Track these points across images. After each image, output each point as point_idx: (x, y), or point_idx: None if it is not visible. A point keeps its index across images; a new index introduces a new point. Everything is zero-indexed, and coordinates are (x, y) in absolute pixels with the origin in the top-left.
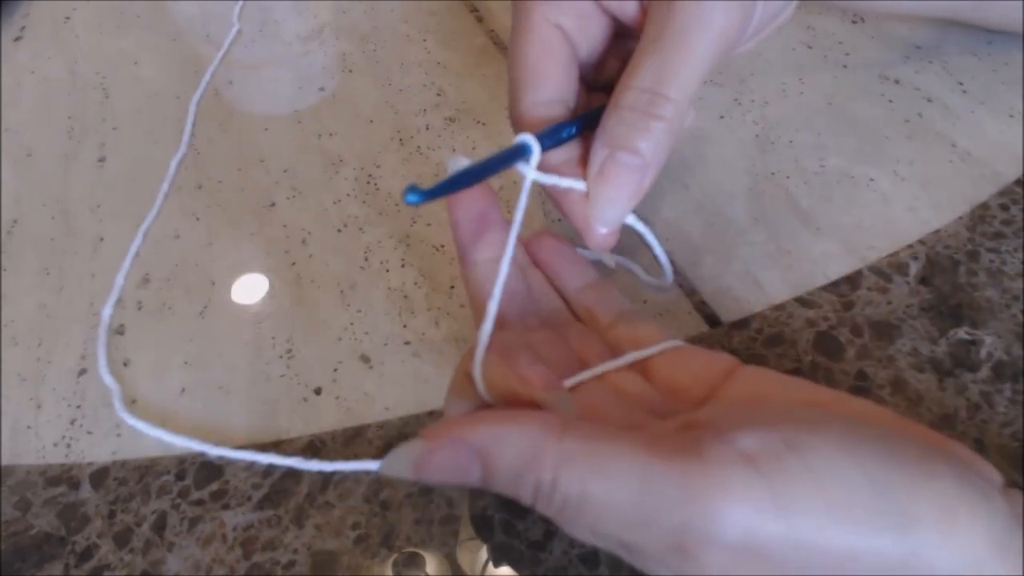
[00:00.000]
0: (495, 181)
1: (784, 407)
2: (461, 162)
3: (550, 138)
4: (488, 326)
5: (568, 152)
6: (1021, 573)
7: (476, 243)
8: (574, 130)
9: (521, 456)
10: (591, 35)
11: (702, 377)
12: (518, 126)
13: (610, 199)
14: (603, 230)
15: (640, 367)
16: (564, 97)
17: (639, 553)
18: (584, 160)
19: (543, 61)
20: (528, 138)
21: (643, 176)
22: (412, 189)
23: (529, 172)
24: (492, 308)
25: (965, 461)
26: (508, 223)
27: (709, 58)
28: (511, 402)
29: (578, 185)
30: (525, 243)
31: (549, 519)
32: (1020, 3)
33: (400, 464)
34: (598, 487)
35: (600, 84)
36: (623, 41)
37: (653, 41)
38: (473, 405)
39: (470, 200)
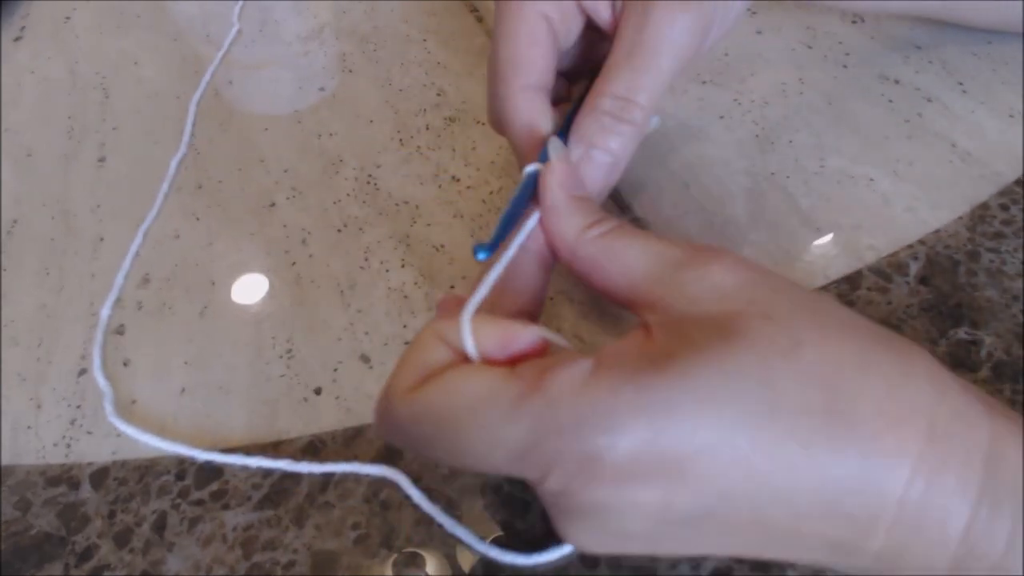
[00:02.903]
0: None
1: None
2: (556, 143)
3: (545, 157)
4: (494, 275)
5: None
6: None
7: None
8: (561, 138)
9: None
10: (570, 30)
11: None
12: (503, 109)
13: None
14: None
15: None
16: (547, 84)
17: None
18: None
19: (532, 49)
20: (540, 167)
21: (612, 171)
22: (480, 247)
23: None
24: (495, 273)
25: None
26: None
27: (673, 72)
28: (503, 347)
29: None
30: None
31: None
32: (1006, 3)
33: None
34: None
35: (567, 73)
36: (591, 40)
37: (627, 55)
38: (427, 373)
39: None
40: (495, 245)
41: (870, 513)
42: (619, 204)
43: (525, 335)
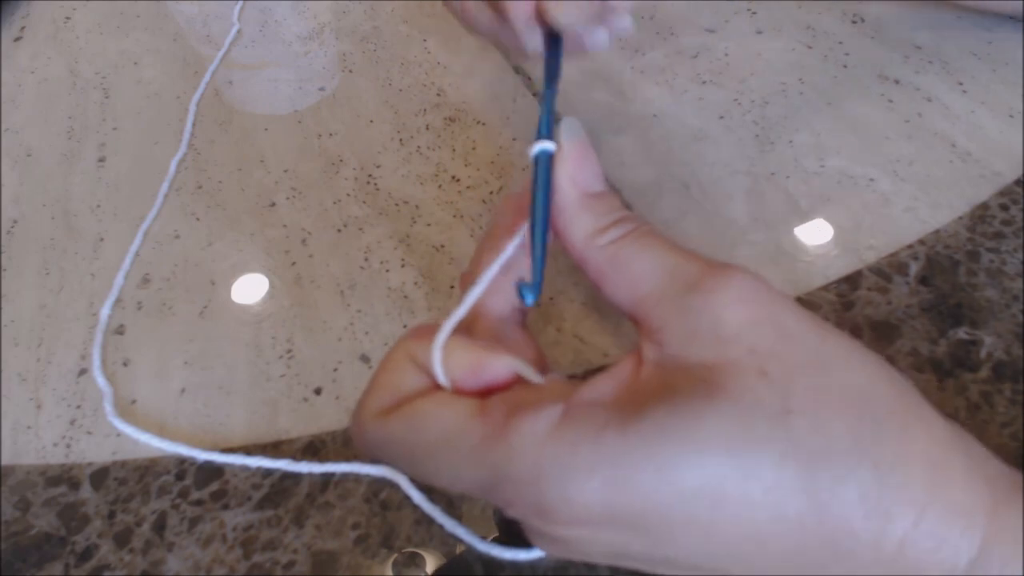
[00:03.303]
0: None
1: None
2: (571, 123)
3: (547, 126)
4: (476, 293)
5: None
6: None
7: None
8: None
9: None
10: None
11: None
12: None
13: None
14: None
15: None
16: None
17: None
18: None
19: None
20: (548, 145)
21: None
22: (524, 288)
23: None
24: (477, 291)
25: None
26: None
27: None
28: (474, 375)
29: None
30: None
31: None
32: None
33: None
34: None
35: None
36: None
37: None
38: (398, 397)
39: None
40: (539, 278)
41: None
42: None
43: (496, 367)
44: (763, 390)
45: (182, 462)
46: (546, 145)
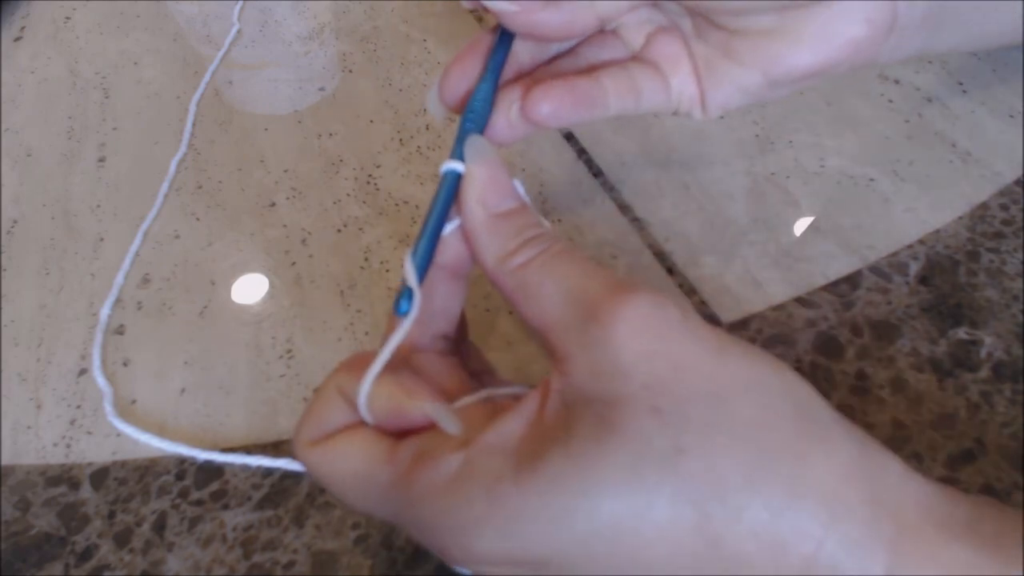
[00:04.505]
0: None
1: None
2: (475, 141)
3: (460, 152)
4: (397, 338)
5: None
6: None
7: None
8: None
9: None
10: None
11: None
12: None
13: None
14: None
15: None
16: None
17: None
18: None
19: None
20: (456, 165)
21: None
22: (401, 299)
23: (470, 167)
24: (406, 325)
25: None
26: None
27: None
28: (394, 418)
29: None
30: None
31: None
32: None
33: None
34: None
35: None
36: None
37: None
38: (327, 430)
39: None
40: (423, 270)
41: None
42: (619, 204)
43: (412, 413)
44: (655, 430)
45: (182, 462)
46: (455, 165)
